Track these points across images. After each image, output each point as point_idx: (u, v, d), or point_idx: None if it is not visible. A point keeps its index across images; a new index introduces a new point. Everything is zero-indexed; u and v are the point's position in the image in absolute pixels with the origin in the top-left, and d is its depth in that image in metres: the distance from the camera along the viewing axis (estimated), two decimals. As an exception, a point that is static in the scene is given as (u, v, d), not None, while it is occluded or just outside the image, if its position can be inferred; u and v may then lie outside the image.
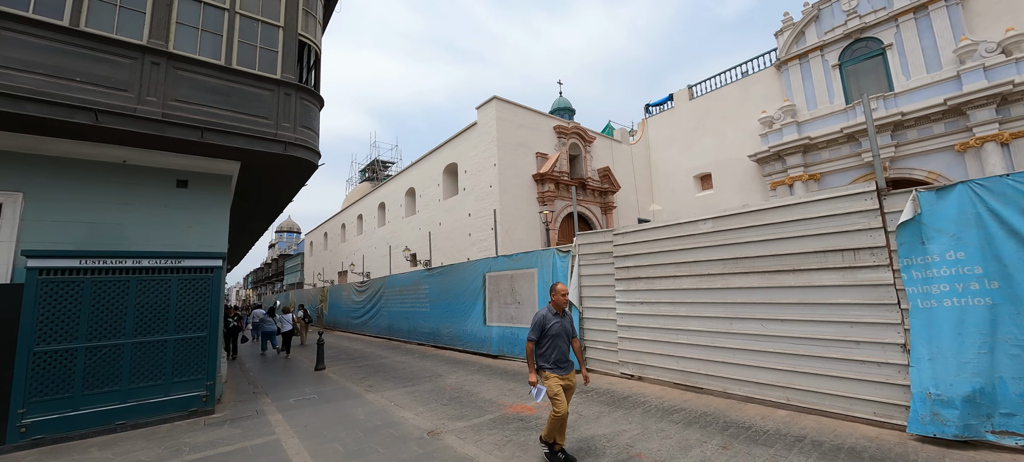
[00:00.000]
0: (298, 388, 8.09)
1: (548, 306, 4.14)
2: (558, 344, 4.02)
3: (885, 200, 4.68)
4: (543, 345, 3.99)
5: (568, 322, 4.18)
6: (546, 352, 3.98)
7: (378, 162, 34.39)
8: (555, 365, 3.97)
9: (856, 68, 15.76)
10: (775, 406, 5.26)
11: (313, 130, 6.99)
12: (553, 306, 4.14)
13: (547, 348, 3.97)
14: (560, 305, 4.14)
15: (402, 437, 5.04)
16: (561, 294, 4.14)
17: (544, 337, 3.99)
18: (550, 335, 3.99)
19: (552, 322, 4.04)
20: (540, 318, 4.04)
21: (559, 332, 4.03)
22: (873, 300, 4.63)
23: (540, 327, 4.00)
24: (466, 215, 17.36)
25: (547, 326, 3.99)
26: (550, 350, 3.97)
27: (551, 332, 3.99)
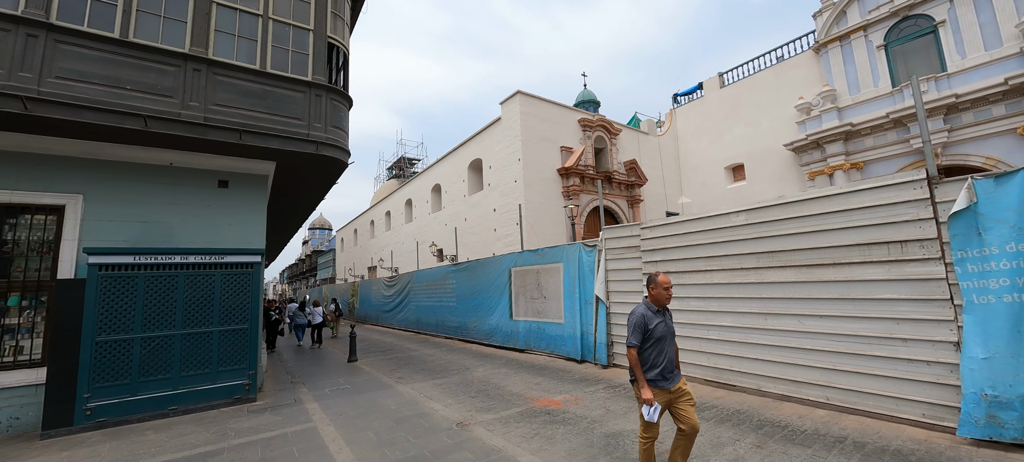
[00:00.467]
0: (333, 379, 8.41)
1: (644, 301, 3.39)
2: (665, 349, 3.24)
3: (936, 189, 4.39)
4: (647, 350, 3.22)
5: (671, 320, 3.42)
6: (652, 358, 3.20)
7: (404, 159, 35.04)
8: (662, 376, 3.17)
9: (904, 48, 14.75)
10: (813, 405, 5.06)
11: (343, 130, 7.20)
12: (652, 301, 3.35)
13: (653, 354, 3.21)
14: (661, 300, 3.33)
15: (432, 428, 5.16)
16: (664, 287, 3.32)
17: (648, 341, 3.21)
18: (655, 338, 3.20)
19: (655, 322, 3.23)
20: (639, 318, 3.24)
21: (664, 334, 3.25)
22: (922, 295, 4.36)
23: (641, 328, 3.20)
24: (491, 210, 17.46)
25: (650, 327, 3.20)
26: (657, 356, 3.20)
27: (655, 334, 3.21)
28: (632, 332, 3.23)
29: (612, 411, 5.38)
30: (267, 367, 9.61)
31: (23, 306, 5.97)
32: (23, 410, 5.61)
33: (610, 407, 5.55)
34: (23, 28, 5.18)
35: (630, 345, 3.23)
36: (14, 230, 5.96)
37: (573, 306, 8.67)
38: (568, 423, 5.03)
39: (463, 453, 4.33)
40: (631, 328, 3.25)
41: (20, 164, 5.88)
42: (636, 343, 3.21)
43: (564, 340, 8.87)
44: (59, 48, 5.36)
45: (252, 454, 4.62)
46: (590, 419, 5.12)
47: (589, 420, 5.09)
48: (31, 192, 5.91)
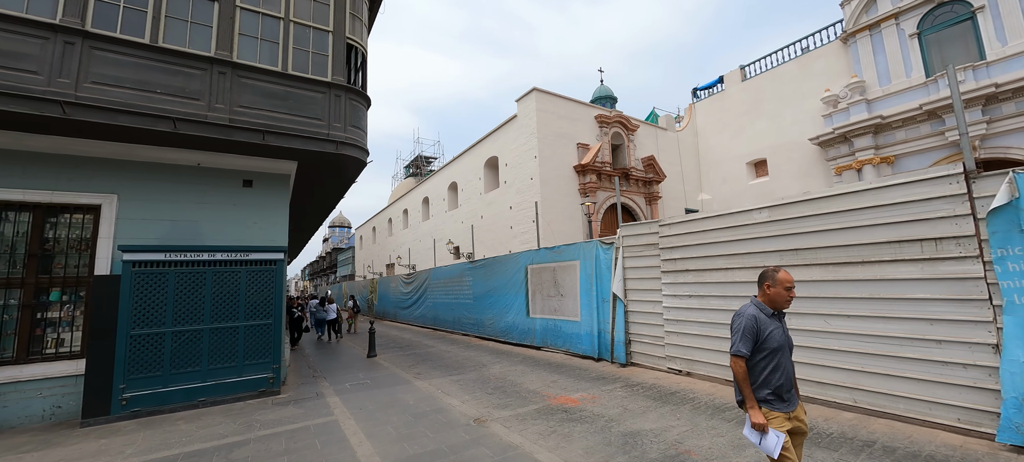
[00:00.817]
0: (353, 374, 8.58)
1: (754, 301, 2.70)
2: (782, 362, 2.56)
3: (974, 183, 4.18)
4: (759, 363, 2.55)
5: (786, 327, 2.71)
6: (766, 374, 2.53)
7: (421, 158, 35.38)
8: (778, 395, 2.52)
9: (939, 36, 14.09)
10: (840, 408, 4.90)
11: (361, 129, 7.31)
12: (767, 302, 2.66)
13: (767, 368, 2.53)
14: (779, 302, 2.62)
15: (449, 423, 5.22)
16: (785, 286, 2.60)
17: (760, 351, 2.55)
18: (769, 348, 2.54)
19: (770, 327, 2.58)
20: (749, 320, 2.58)
21: (782, 344, 2.58)
22: (958, 295, 4.17)
23: (752, 334, 2.55)
24: (507, 208, 17.48)
25: (764, 333, 2.55)
26: (772, 371, 2.53)
27: (770, 343, 2.54)
28: (740, 338, 2.58)
29: (630, 410, 5.33)
30: (289, 361, 9.87)
31: (63, 301, 6.29)
32: (65, 399, 5.91)
33: (628, 406, 5.50)
34: (61, 36, 5.43)
35: (737, 353, 2.58)
36: (54, 228, 6.27)
37: (590, 304, 8.61)
38: (585, 421, 5.01)
39: (480, 449, 4.36)
40: (738, 333, 2.60)
41: (59, 166, 6.18)
42: (745, 352, 2.56)
43: (581, 338, 8.82)
44: (94, 54, 5.60)
45: (277, 445, 4.76)
46: (607, 418, 5.08)
47: (606, 419, 5.06)
48: (70, 192, 6.21)
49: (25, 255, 6.04)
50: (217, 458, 4.43)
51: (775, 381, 2.53)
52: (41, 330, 6.08)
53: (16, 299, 5.93)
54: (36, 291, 6.04)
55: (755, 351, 2.57)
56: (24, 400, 5.72)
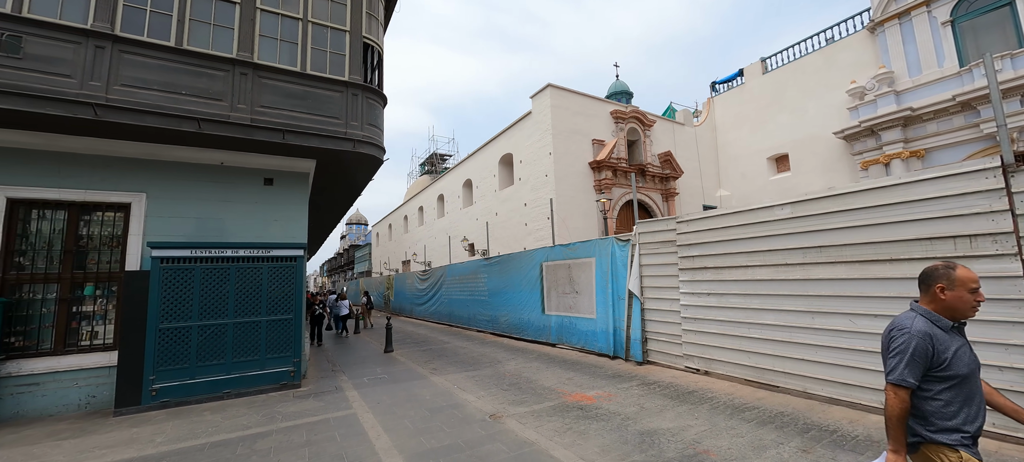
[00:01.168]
0: (370, 368, 8.73)
1: (921, 311, 1.93)
2: (974, 392, 1.85)
3: (1013, 178, 3.98)
4: (940, 395, 1.82)
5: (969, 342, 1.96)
6: (953, 408, 1.81)
7: (436, 155, 35.64)
8: (974, 439, 1.81)
9: (974, 24, 13.45)
10: (866, 410, 4.75)
11: (378, 127, 7.40)
12: (942, 311, 1.89)
13: (954, 401, 1.81)
14: (961, 309, 1.87)
15: (465, 418, 5.26)
16: (970, 287, 1.85)
17: (941, 379, 1.83)
18: (956, 374, 1.81)
19: (953, 346, 1.84)
20: (918, 338, 1.83)
21: (971, 369, 1.85)
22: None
23: (923, 357, 1.82)
24: (522, 205, 17.47)
25: (944, 355, 1.82)
26: (961, 406, 1.81)
27: (956, 368, 1.81)
28: (907, 362, 1.83)
29: (647, 409, 5.28)
30: (309, 356, 10.10)
31: (97, 295, 6.56)
32: (99, 389, 6.18)
33: (644, 404, 5.44)
34: (92, 40, 5.64)
35: (900, 382, 1.83)
36: (88, 226, 6.55)
37: (606, 301, 8.55)
38: (601, 419, 4.99)
39: (496, 444, 4.39)
40: (903, 355, 1.84)
41: (91, 166, 6.44)
42: (912, 382, 1.82)
43: (596, 336, 8.77)
44: (123, 57, 5.81)
45: (298, 437, 4.88)
46: (624, 416, 5.05)
47: (623, 417, 5.02)
48: (102, 191, 6.46)
49: (61, 251, 6.32)
50: (242, 448, 4.57)
51: (970, 418, 1.80)
52: (77, 323, 6.37)
53: (54, 293, 6.22)
54: (71, 286, 6.32)
55: (931, 381, 1.84)
56: (61, 390, 6.00)
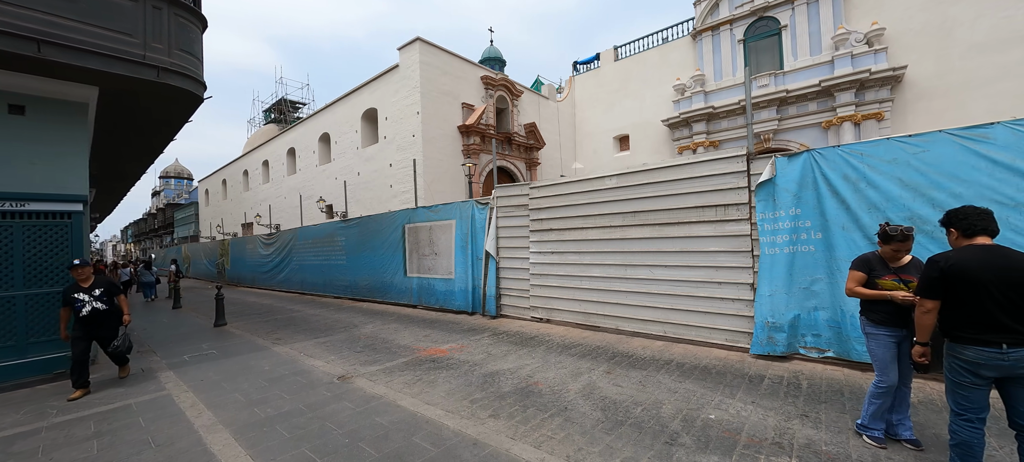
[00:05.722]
0: (193, 345, 7.50)
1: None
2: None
3: (752, 164, 5.45)
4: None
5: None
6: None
7: (286, 102, 30.90)
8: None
9: (757, 45, 17.35)
10: (655, 338, 6.12)
11: (194, 56, 6.06)
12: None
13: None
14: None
15: (310, 383, 5.01)
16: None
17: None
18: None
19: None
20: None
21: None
22: (735, 248, 5.48)
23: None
24: (387, 165, 16.61)
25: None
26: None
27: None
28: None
29: (493, 355, 5.81)
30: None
31: None
32: None
33: (491, 351, 5.98)
34: None
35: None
36: None
37: (465, 261, 8.91)
38: (451, 368, 5.32)
39: (342, 404, 4.32)
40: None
41: None
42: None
43: (456, 294, 9.13)
44: None
45: (82, 430, 4.00)
46: (472, 363, 5.47)
47: (470, 364, 5.44)
48: None
49: None
50: (-16, 454, 3.54)
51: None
52: None
53: None
54: None
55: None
56: None
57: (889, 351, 3.00)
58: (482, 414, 3.90)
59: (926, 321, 2.49)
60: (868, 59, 14.36)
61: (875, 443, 3.03)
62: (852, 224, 4.60)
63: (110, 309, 5.22)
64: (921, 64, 13.94)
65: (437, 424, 3.72)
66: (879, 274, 3.07)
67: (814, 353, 4.84)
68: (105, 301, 5.16)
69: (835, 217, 4.71)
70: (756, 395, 4.04)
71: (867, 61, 14.36)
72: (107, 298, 5.19)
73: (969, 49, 13.23)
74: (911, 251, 3.09)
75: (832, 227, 4.73)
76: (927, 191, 4.20)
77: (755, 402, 3.88)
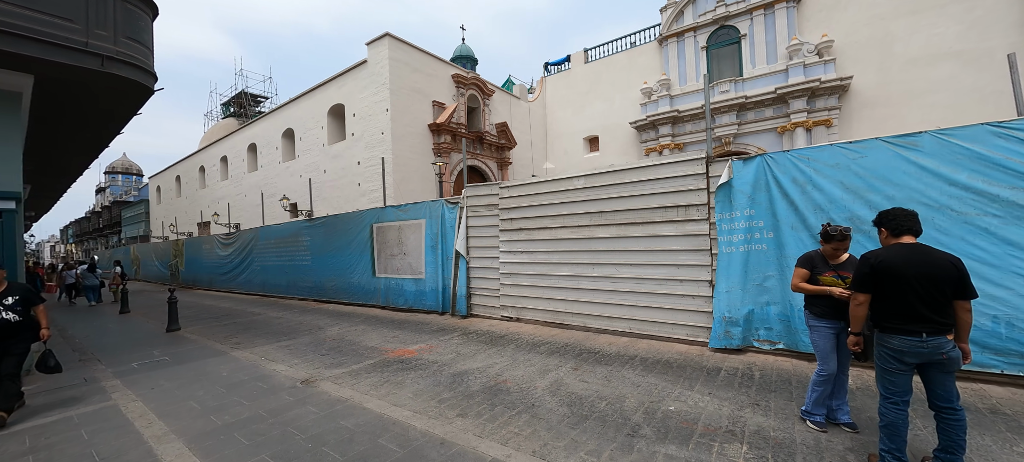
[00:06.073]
0: (143, 351, 7.07)
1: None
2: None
3: (711, 167, 5.70)
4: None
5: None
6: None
7: (247, 95, 29.52)
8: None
9: (718, 52, 18.10)
10: (621, 335, 6.30)
11: (143, 44, 5.71)
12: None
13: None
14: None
15: (272, 389, 4.85)
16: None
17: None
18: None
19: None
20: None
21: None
22: (695, 247, 5.72)
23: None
24: (355, 163, 16.21)
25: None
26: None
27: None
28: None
29: (462, 354, 5.81)
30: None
31: None
32: None
33: (461, 351, 5.98)
34: None
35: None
36: None
37: (435, 261, 8.85)
38: (419, 369, 5.28)
39: (306, 408, 4.21)
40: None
41: None
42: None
43: (426, 294, 9.05)
44: None
45: (16, 445, 3.72)
46: (440, 363, 5.45)
47: (439, 364, 5.42)
48: None
49: None
50: None
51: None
52: None
53: None
54: None
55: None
56: None
57: (829, 342, 3.24)
58: (450, 414, 3.91)
59: (859, 313, 2.71)
60: (818, 69, 15.30)
61: (817, 427, 3.27)
62: (800, 224, 4.91)
63: (24, 321, 4.41)
64: (865, 75, 14.99)
65: (404, 425, 3.70)
66: (821, 271, 3.30)
67: (766, 346, 5.14)
68: (18, 311, 4.35)
69: (785, 217, 5.01)
70: (713, 387, 4.25)
71: (817, 71, 15.30)
72: (21, 308, 4.39)
73: (906, 63, 14.35)
74: (849, 249, 3.35)
75: (782, 227, 5.03)
76: (865, 194, 4.55)
77: (712, 393, 4.09)
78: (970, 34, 13.36)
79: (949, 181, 4.16)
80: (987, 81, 12.82)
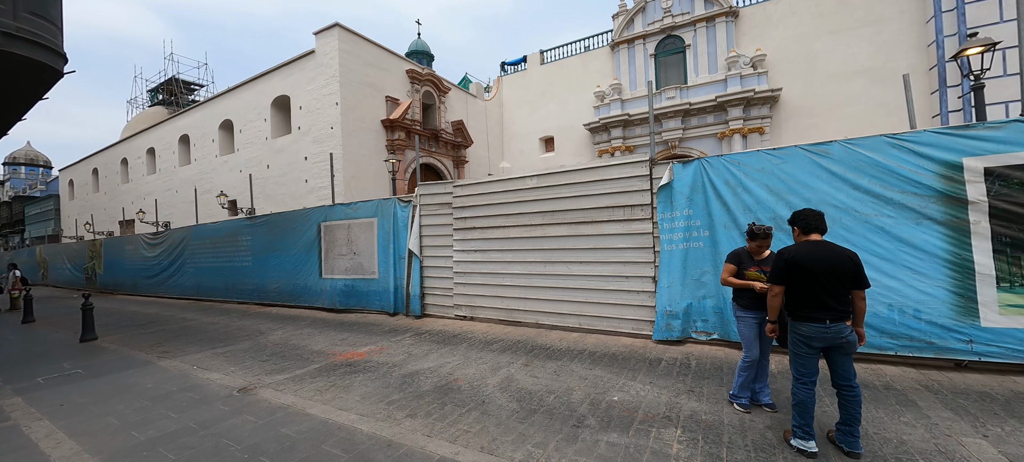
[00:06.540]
0: (50, 365, 6.34)
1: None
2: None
3: (654, 169, 6.02)
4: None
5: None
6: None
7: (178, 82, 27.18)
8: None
9: (666, 60, 19.04)
10: (571, 330, 6.49)
11: (49, 21, 5.10)
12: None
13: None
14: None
15: (204, 399, 4.53)
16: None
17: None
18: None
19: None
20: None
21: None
22: (639, 245, 6.02)
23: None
24: (302, 158, 15.44)
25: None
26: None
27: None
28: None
29: (413, 355, 5.73)
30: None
31: None
32: None
33: (412, 351, 5.90)
34: None
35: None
36: None
37: (387, 261, 8.64)
38: (368, 371, 5.14)
39: (243, 417, 3.98)
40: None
41: None
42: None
43: (378, 295, 8.81)
44: None
45: None
46: (391, 365, 5.35)
47: (390, 365, 5.31)
48: None
49: None
50: None
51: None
52: None
53: None
54: None
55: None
56: None
57: (753, 331, 3.55)
58: (399, 415, 3.85)
59: (775, 303, 3.00)
60: (753, 80, 16.55)
61: (742, 409, 3.57)
62: (732, 223, 5.31)
63: None
64: (792, 87, 16.41)
65: (350, 429, 3.60)
66: (746, 266, 3.61)
67: (703, 336, 5.52)
68: None
69: (719, 217, 5.40)
70: (654, 376, 4.51)
71: (752, 82, 16.54)
72: None
73: (826, 77, 15.89)
74: (771, 247, 3.68)
75: (717, 226, 5.42)
76: (786, 195, 5.00)
77: (652, 382, 4.33)
78: (879, 54, 15.03)
79: (854, 185, 4.69)
80: (892, 97, 14.48)
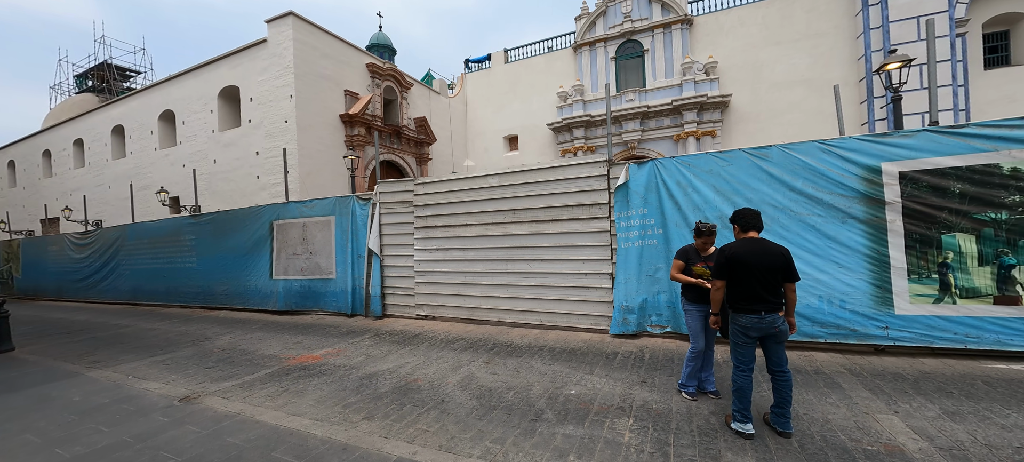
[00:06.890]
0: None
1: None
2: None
3: (612, 169, 6.22)
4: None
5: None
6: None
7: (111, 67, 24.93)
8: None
9: (626, 63, 19.64)
10: (532, 327, 6.60)
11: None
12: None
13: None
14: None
15: (141, 410, 4.22)
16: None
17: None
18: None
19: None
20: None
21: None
22: (597, 243, 6.21)
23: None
24: (253, 153, 14.64)
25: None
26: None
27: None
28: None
29: (372, 356, 5.62)
30: None
31: None
32: None
33: (371, 353, 5.77)
34: None
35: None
36: None
37: (346, 261, 8.38)
38: (324, 374, 4.99)
39: (185, 428, 3.74)
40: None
41: None
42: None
43: (335, 296, 8.53)
44: None
45: None
46: (348, 367, 5.21)
47: (347, 368, 5.18)
48: None
49: None
50: None
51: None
52: None
53: None
54: None
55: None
56: None
57: (699, 323, 3.76)
58: (355, 418, 3.77)
59: (717, 297, 3.20)
60: (706, 86, 17.41)
61: (689, 397, 3.78)
62: (682, 222, 5.59)
63: None
64: (741, 94, 17.42)
65: (302, 435, 3.48)
66: (693, 262, 3.82)
67: (657, 330, 5.78)
68: None
69: (671, 216, 5.67)
70: (610, 369, 4.67)
71: (705, 87, 17.40)
72: None
73: (771, 86, 16.99)
74: (715, 244, 3.91)
75: (669, 224, 5.69)
76: (731, 196, 5.33)
77: (608, 375, 4.49)
78: (817, 65, 16.25)
79: (790, 187, 5.07)
80: (828, 105, 15.68)
